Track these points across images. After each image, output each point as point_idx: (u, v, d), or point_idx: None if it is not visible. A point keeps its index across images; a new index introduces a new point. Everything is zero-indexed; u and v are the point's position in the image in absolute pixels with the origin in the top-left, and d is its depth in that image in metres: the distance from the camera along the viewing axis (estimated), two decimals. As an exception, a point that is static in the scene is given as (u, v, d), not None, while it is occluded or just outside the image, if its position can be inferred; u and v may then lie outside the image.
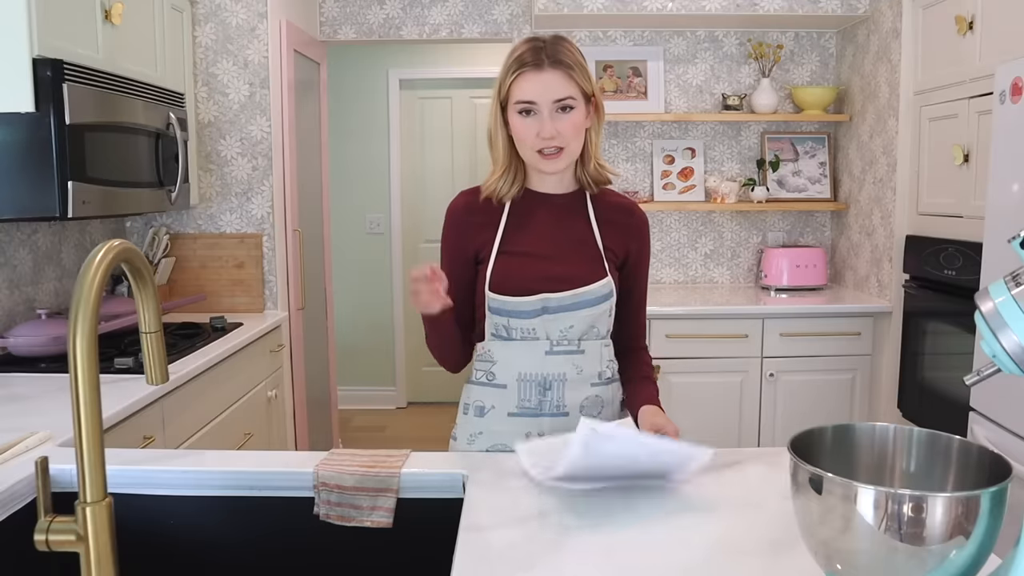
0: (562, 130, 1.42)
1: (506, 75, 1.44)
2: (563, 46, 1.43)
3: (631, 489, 1.28)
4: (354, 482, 1.32)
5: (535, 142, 1.42)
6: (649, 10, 3.30)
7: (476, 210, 1.51)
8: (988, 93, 2.32)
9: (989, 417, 2.19)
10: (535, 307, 1.45)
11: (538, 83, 1.40)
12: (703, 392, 3.16)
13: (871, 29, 3.25)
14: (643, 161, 3.69)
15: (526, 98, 1.41)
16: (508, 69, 1.43)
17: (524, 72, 1.41)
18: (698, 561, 1.08)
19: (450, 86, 4.92)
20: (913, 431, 0.97)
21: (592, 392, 1.50)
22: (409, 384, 5.12)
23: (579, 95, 1.43)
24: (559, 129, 1.41)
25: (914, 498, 0.79)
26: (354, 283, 4.89)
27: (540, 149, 1.43)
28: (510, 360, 1.48)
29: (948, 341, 2.69)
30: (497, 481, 1.34)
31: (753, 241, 3.74)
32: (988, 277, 2.17)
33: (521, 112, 1.42)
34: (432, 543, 1.29)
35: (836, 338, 3.17)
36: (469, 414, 1.54)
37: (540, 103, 1.40)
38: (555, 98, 1.40)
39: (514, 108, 1.43)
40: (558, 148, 1.43)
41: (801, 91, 3.50)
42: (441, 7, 3.63)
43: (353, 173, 4.83)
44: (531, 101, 1.41)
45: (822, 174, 3.66)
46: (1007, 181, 2.10)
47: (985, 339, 0.86)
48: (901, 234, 2.99)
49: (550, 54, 1.41)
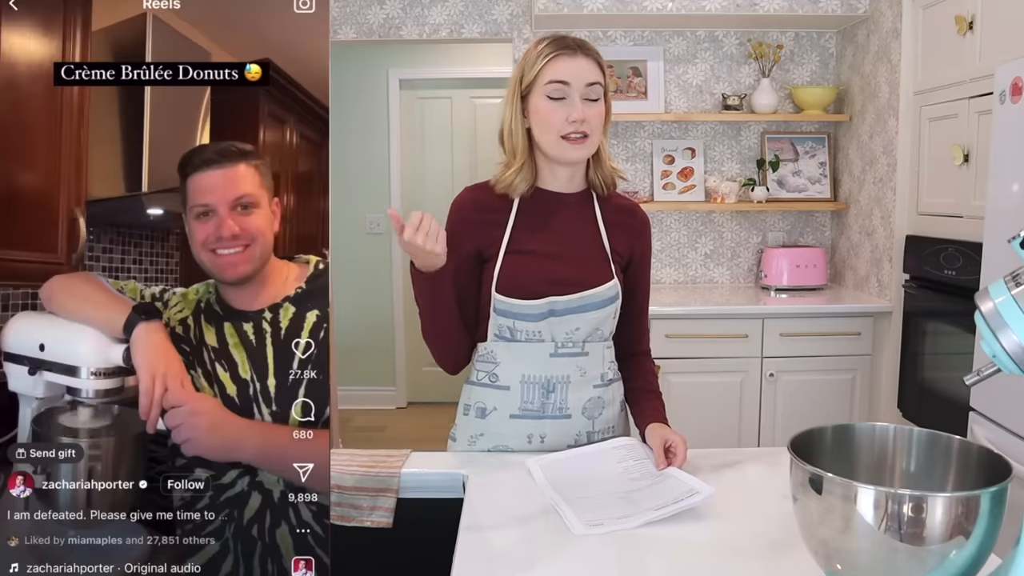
0: (590, 117, 1.43)
1: (536, 60, 1.45)
2: (589, 43, 1.48)
3: (632, 490, 1.28)
4: (354, 482, 1.32)
5: (563, 126, 1.43)
6: (649, 10, 3.30)
7: (484, 207, 1.50)
8: (988, 93, 2.32)
9: (989, 417, 2.19)
10: (542, 310, 1.45)
11: (573, 66, 1.43)
12: (703, 392, 3.16)
13: (871, 29, 3.25)
14: (643, 161, 3.69)
15: (560, 77, 1.43)
16: (540, 54, 1.45)
17: (560, 55, 1.44)
18: (698, 561, 1.08)
19: (450, 86, 4.92)
20: (913, 431, 0.97)
21: (594, 393, 1.50)
22: (409, 384, 5.12)
23: (603, 88, 1.46)
24: (588, 115, 1.43)
25: (914, 498, 0.79)
26: (354, 283, 4.89)
27: (567, 134, 1.43)
28: (514, 362, 1.48)
29: (948, 341, 2.69)
30: (497, 481, 1.34)
31: (753, 241, 3.74)
32: (988, 277, 2.17)
33: (551, 96, 1.43)
34: (432, 543, 1.29)
35: (836, 338, 3.17)
36: (470, 415, 1.53)
37: (573, 84, 1.43)
38: (588, 81, 1.43)
39: (543, 91, 1.43)
40: (584, 134, 1.44)
41: (801, 91, 3.50)
42: (441, 7, 3.63)
43: (353, 173, 4.83)
44: (565, 81, 1.42)
45: (822, 174, 3.66)
46: (1007, 181, 2.10)
47: (985, 339, 0.86)
48: (901, 234, 2.99)
49: (581, 45, 1.46)
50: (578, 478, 1.32)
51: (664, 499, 1.21)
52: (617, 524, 1.16)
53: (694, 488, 1.23)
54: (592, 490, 1.27)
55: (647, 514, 1.17)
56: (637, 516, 1.17)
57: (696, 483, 1.24)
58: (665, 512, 1.17)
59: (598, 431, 1.51)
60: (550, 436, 1.48)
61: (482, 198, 1.51)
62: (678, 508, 1.18)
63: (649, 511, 1.18)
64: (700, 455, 1.41)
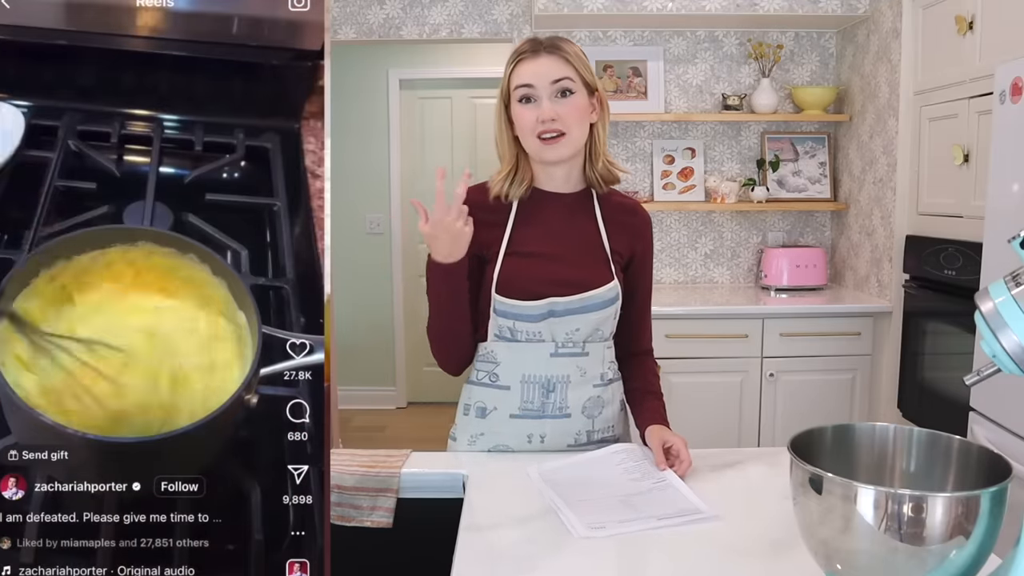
0: (562, 114, 1.42)
1: (507, 69, 1.47)
2: (559, 39, 1.47)
3: (632, 493, 1.28)
4: (354, 482, 1.32)
5: (535, 127, 1.43)
6: (649, 10, 3.30)
7: (484, 207, 1.50)
8: (988, 93, 2.32)
9: (989, 417, 2.19)
10: (542, 311, 1.45)
11: (534, 66, 1.43)
12: (703, 392, 3.16)
13: (871, 29, 3.25)
14: (643, 161, 3.69)
15: (523, 81, 1.43)
16: (508, 63, 1.47)
17: (522, 59, 1.45)
18: (698, 561, 1.08)
19: (450, 86, 4.92)
20: (913, 431, 0.97)
21: (594, 393, 1.50)
22: (409, 384, 5.12)
23: (577, 80, 1.44)
24: (559, 112, 1.42)
25: (914, 498, 0.79)
26: (354, 283, 4.89)
27: (540, 134, 1.43)
28: (514, 361, 1.48)
29: (948, 341, 2.69)
30: (497, 481, 1.34)
31: (753, 241, 3.74)
32: (988, 277, 2.17)
33: (521, 100, 1.44)
34: (432, 543, 1.29)
35: (836, 338, 3.17)
36: (470, 415, 1.53)
37: (538, 86, 1.42)
38: (552, 79, 1.42)
39: (515, 96, 1.45)
40: (559, 132, 1.43)
41: (801, 91, 3.51)
42: (441, 7, 3.63)
43: (353, 173, 4.83)
44: (529, 84, 1.43)
45: (822, 174, 3.66)
46: (1007, 181, 2.10)
47: (985, 339, 0.86)
48: (901, 234, 2.99)
49: (547, 44, 1.45)
50: (578, 480, 1.32)
51: (666, 510, 1.21)
52: (619, 528, 1.15)
53: (698, 507, 1.22)
54: (593, 492, 1.27)
55: (648, 522, 1.17)
56: (639, 522, 1.17)
57: (699, 503, 1.24)
58: (666, 524, 1.17)
59: (598, 430, 1.51)
60: (550, 435, 1.48)
61: (481, 199, 1.51)
62: (680, 523, 1.18)
63: (651, 519, 1.18)
64: (700, 455, 1.41)
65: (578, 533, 1.14)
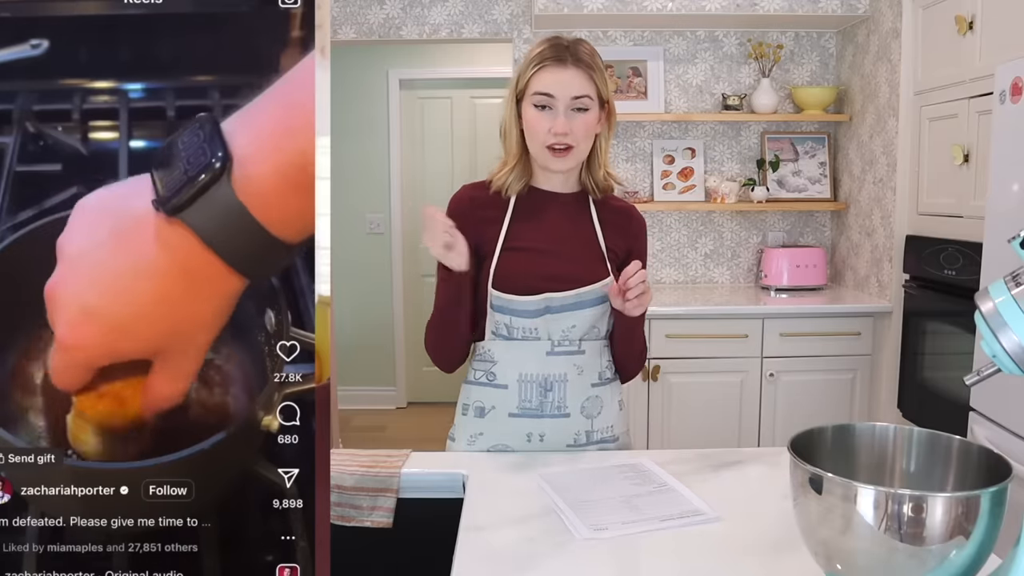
0: (574, 129, 1.43)
1: (527, 68, 1.45)
2: (585, 47, 1.46)
3: (633, 495, 1.28)
4: (354, 482, 1.32)
5: (546, 137, 1.43)
6: (649, 10, 3.30)
7: (482, 204, 1.52)
8: (988, 93, 2.32)
9: (989, 417, 2.19)
10: (538, 307, 1.45)
11: (559, 77, 1.42)
12: (703, 392, 3.16)
13: (871, 29, 3.25)
14: (643, 161, 3.69)
15: (545, 90, 1.42)
16: (530, 62, 1.45)
17: (546, 66, 1.43)
18: (698, 561, 1.08)
19: (450, 86, 4.92)
20: (913, 431, 0.97)
21: (592, 392, 1.50)
22: (409, 384, 5.12)
23: (595, 97, 1.44)
24: (572, 128, 1.43)
25: (914, 498, 0.79)
26: (354, 283, 4.89)
27: (550, 144, 1.44)
28: (511, 360, 1.48)
29: (948, 341, 2.69)
30: (497, 481, 1.34)
31: (753, 241, 3.74)
32: (988, 277, 2.17)
33: (537, 105, 1.43)
34: (432, 543, 1.29)
35: (836, 338, 3.17)
36: (469, 415, 1.53)
37: (558, 98, 1.42)
38: (573, 95, 1.42)
39: (530, 100, 1.44)
40: (568, 146, 1.44)
41: (801, 91, 3.50)
42: (441, 7, 3.63)
43: (353, 173, 4.83)
44: (549, 94, 1.42)
45: (822, 174, 3.66)
46: (1007, 181, 2.10)
47: (985, 339, 0.86)
48: (901, 234, 2.99)
49: (573, 52, 1.44)
50: (580, 483, 1.32)
51: (668, 511, 1.21)
52: (621, 529, 1.15)
53: (700, 509, 1.22)
54: (594, 494, 1.27)
55: (651, 523, 1.17)
56: (641, 523, 1.17)
57: (701, 504, 1.24)
58: (669, 525, 1.17)
59: (597, 430, 1.51)
60: (549, 435, 1.49)
61: (479, 196, 1.53)
62: (682, 524, 1.18)
63: (654, 520, 1.18)
64: (700, 455, 1.41)
65: (581, 535, 1.14)
